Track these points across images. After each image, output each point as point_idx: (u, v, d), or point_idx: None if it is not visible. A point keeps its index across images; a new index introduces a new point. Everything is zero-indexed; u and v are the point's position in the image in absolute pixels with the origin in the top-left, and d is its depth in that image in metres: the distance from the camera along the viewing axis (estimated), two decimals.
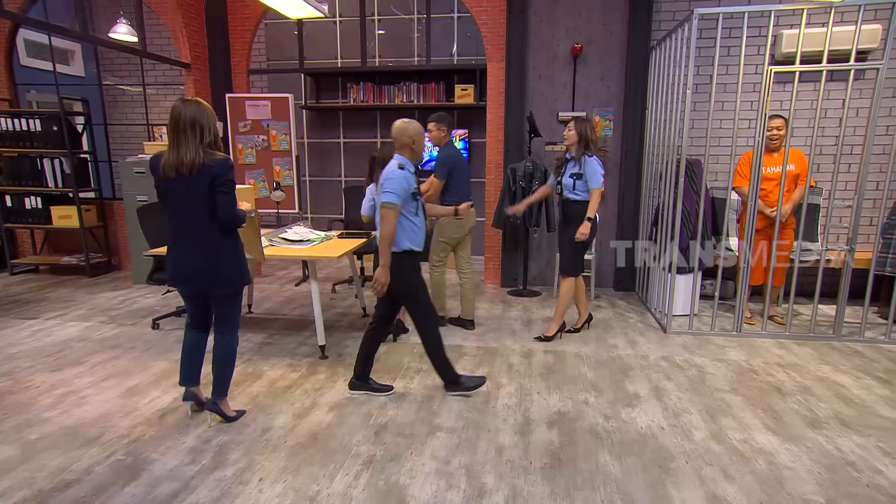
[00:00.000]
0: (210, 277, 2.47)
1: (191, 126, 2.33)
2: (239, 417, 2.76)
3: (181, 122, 2.33)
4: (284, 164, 5.65)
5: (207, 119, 2.37)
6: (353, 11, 6.36)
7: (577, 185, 3.63)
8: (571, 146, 3.65)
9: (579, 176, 3.62)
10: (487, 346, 3.79)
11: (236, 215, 2.41)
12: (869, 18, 4.65)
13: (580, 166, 3.60)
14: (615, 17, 4.94)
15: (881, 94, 3.59)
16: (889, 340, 3.86)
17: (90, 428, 2.64)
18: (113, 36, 5.92)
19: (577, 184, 3.63)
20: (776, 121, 3.89)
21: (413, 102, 6.35)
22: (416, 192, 2.80)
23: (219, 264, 2.46)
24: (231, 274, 2.50)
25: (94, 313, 4.51)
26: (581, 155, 3.60)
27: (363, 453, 2.44)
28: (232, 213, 2.38)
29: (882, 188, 3.86)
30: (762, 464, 2.37)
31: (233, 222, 2.41)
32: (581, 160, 3.60)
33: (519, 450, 2.47)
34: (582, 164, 3.59)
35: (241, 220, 2.46)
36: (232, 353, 2.66)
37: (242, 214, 2.47)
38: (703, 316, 4.40)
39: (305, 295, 5.13)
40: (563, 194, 3.73)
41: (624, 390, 3.10)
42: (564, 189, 3.71)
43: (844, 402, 2.97)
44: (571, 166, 3.66)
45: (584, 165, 3.58)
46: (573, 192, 3.67)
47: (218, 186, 2.34)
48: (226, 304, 2.59)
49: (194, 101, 2.38)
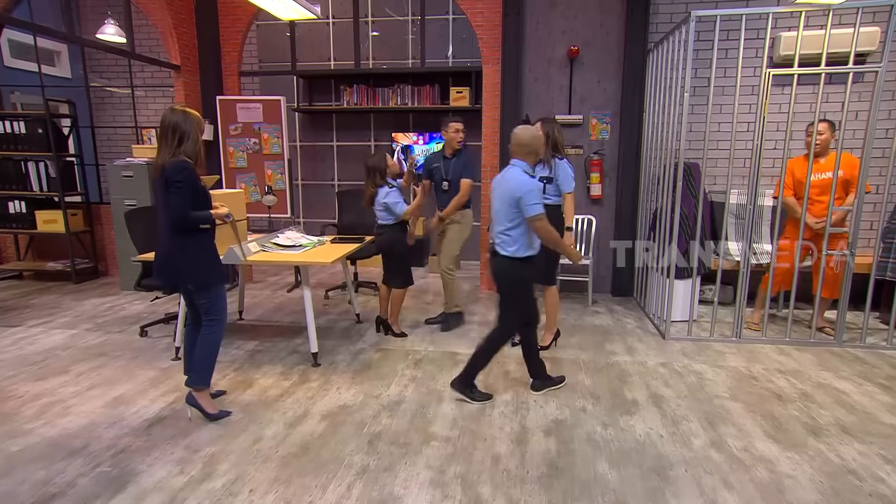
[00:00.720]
0: (171, 272, 2.65)
1: (171, 132, 2.51)
2: (220, 417, 2.77)
3: (164, 127, 2.53)
4: (276, 167, 5.58)
5: (189, 127, 2.53)
6: (347, 13, 6.31)
7: (548, 189, 3.46)
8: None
9: (549, 180, 3.46)
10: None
11: (185, 215, 2.50)
12: (867, 21, 4.64)
13: (550, 170, 3.46)
14: (612, 20, 4.91)
15: (880, 96, 3.57)
16: (890, 346, 3.83)
17: (75, 439, 2.57)
18: (100, 37, 5.84)
19: (548, 188, 3.46)
20: (821, 125, 3.75)
21: (407, 105, 6.30)
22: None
23: (178, 260, 2.61)
24: (192, 269, 2.63)
25: (80, 320, 4.42)
26: (550, 158, 3.46)
27: (356, 463, 2.38)
28: (179, 212, 2.49)
29: (882, 192, 3.83)
30: (763, 472, 2.33)
31: (182, 221, 2.52)
32: (551, 163, 3.46)
33: (515, 459, 2.43)
34: (553, 167, 3.46)
35: (194, 220, 2.55)
36: (211, 343, 2.74)
37: (204, 216, 2.58)
38: (702, 322, 4.36)
39: (297, 301, 5.05)
40: None
41: (622, 397, 3.05)
42: None
43: (846, 408, 2.93)
44: (540, 169, 3.44)
45: (556, 169, 3.44)
46: (543, 196, 3.51)
47: (170, 187, 2.48)
48: (200, 298, 2.70)
49: (181, 110, 2.55)
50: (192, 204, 2.53)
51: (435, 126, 6.53)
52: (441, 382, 3.23)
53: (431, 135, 6.43)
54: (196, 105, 5.52)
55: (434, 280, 5.94)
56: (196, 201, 2.56)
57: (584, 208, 5.23)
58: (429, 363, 3.54)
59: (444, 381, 3.26)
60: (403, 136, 6.49)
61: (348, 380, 3.27)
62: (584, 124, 5.11)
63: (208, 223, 2.62)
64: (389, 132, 6.57)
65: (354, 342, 3.93)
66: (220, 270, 2.75)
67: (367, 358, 3.63)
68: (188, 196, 2.50)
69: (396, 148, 6.47)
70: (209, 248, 2.69)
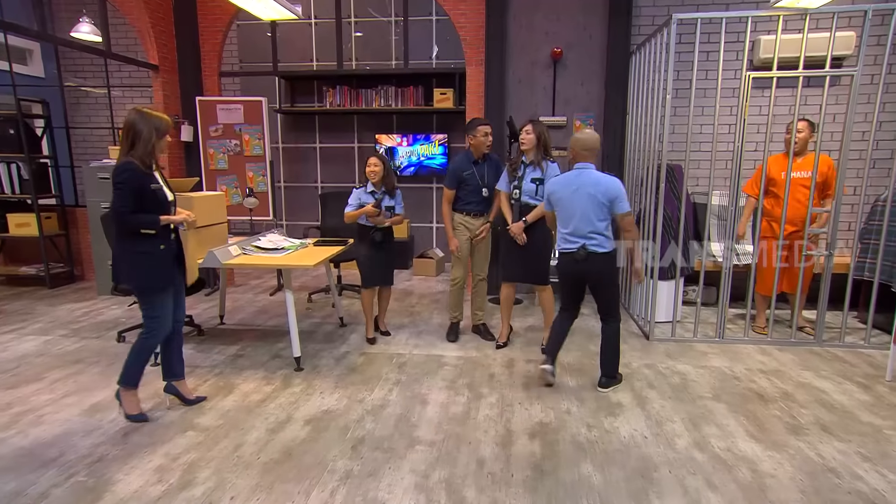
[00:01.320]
0: (115, 272, 2.80)
1: (126, 133, 2.54)
2: (137, 420, 2.74)
3: (123, 128, 2.57)
4: (258, 169, 5.51)
5: (143, 127, 2.53)
6: (329, 13, 6.27)
7: (539, 191, 3.52)
8: (529, 150, 3.53)
9: (541, 181, 3.50)
10: (468, 356, 3.71)
11: (122, 217, 2.51)
12: (843, 26, 4.74)
13: (541, 171, 3.52)
14: (594, 22, 4.93)
15: (856, 100, 3.64)
16: (868, 345, 3.89)
17: (48, 448, 2.50)
18: (75, 35, 5.71)
19: (540, 189, 3.51)
20: (800, 123, 3.81)
21: (391, 106, 6.27)
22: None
23: (119, 261, 2.71)
24: (129, 272, 2.65)
25: (55, 326, 4.31)
26: (541, 159, 3.52)
27: (340, 469, 2.35)
28: (116, 213, 2.51)
29: (859, 193, 3.90)
30: (745, 472, 2.35)
31: (119, 223, 2.54)
32: (542, 165, 3.52)
33: (500, 462, 2.41)
34: (544, 169, 3.51)
35: (135, 223, 2.55)
36: (139, 350, 2.72)
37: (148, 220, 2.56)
38: (685, 322, 4.39)
39: (280, 305, 4.99)
40: (523, 200, 3.57)
41: (606, 399, 3.05)
42: (524, 194, 3.56)
43: (825, 407, 2.97)
44: (532, 171, 3.53)
45: (547, 170, 3.50)
46: (535, 198, 3.54)
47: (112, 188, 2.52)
48: (140, 302, 2.71)
49: (138, 110, 2.55)
50: (135, 206, 2.52)
51: (418, 127, 6.52)
52: (426, 386, 3.21)
53: (415, 136, 6.40)
54: (175, 106, 5.43)
55: (419, 282, 5.91)
56: (141, 204, 2.54)
57: None
58: (413, 367, 3.51)
59: (428, 384, 3.23)
60: (387, 137, 6.46)
61: (332, 384, 3.23)
62: (567, 126, 5.13)
63: (152, 228, 2.59)
64: (373, 134, 6.53)
65: (338, 346, 3.89)
66: (160, 278, 2.69)
67: (351, 362, 3.59)
68: (128, 198, 2.50)
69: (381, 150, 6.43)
70: (150, 253, 2.63)
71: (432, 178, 6.61)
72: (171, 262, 2.72)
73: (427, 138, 6.39)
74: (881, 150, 4.85)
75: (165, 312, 2.73)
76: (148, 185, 2.56)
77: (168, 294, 2.74)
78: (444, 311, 4.76)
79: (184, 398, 2.94)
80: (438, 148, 6.34)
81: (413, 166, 6.47)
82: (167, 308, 2.74)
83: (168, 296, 2.74)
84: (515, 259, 3.68)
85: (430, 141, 6.38)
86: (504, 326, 3.91)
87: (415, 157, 6.45)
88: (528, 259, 3.64)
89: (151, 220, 2.57)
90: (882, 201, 4.09)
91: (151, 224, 2.57)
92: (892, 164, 3.83)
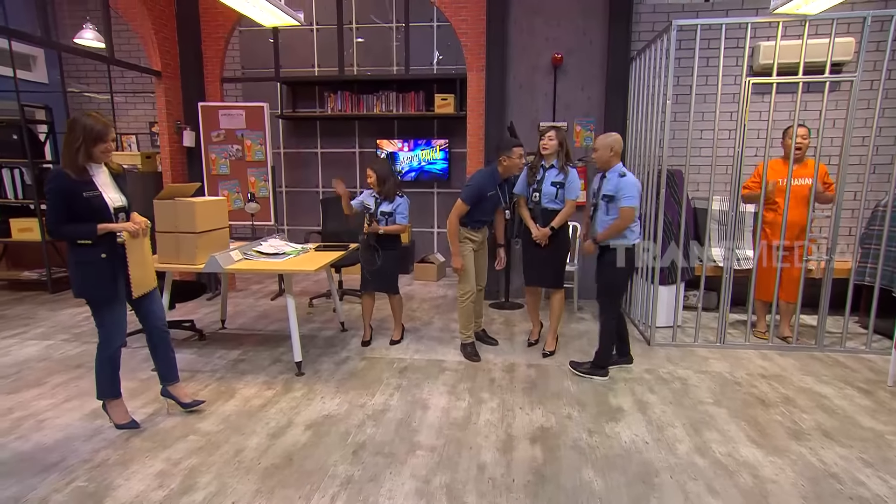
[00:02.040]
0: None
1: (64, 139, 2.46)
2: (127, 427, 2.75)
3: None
4: (259, 174, 5.53)
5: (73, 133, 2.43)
6: (331, 19, 6.30)
7: (559, 195, 3.58)
8: (551, 156, 3.58)
9: (562, 185, 3.57)
10: (469, 361, 3.71)
11: (52, 227, 2.45)
12: (842, 31, 4.75)
13: (564, 176, 3.57)
14: (594, 27, 4.96)
15: (856, 105, 3.65)
16: (869, 350, 3.89)
17: (49, 453, 2.50)
18: (79, 41, 5.75)
19: (560, 193, 3.58)
20: (801, 130, 3.80)
21: (392, 112, 6.30)
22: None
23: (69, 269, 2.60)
24: (72, 281, 2.59)
25: (56, 331, 4.32)
26: (564, 164, 3.58)
27: (340, 474, 2.35)
28: (46, 222, 2.48)
29: (860, 198, 3.90)
30: (746, 477, 2.34)
31: (50, 233, 2.48)
32: (565, 170, 3.57)
33: (501, 467, 2.41)
34: (567, 173, 3.57)
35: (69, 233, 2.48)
36: (101, 361, 2.69)
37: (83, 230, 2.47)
38: (686, 327, 4.39)
39: (281, 309, 4.99)
40: (542, 203, 3.61)
41: (607, 404, 3.05)
42: (544, 198, 3.60)
43: (827, 412, 2.96)
44: (554, 174, 3.59)
45: (569, 175, 3.56)
46: (554, 202, 3.60)
47: None
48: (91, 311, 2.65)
49: (74, 115, 2.50)
50: (68, 216, 2.44)
51: (419, 132, 6.54)
52: (426, 391, 3.21)
53: (417, 141, 6.43)
54: (177, 112, 5.46)
55: (420, 287, 5.92)
56: (74, 213, 2.45)
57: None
58: (414, 371, 3.51)
59: (429, 389, 3.24)
60: (388, 142, 6.49)
61: (332, 389, 3.23)
62: (568, 131, 5.14)
63: (88, 238, 2.49)
64: (374, 139, 6.56)
65: (339, 351, 3.89)
66: (101, 287, 2.58)
67: (352, 367, 3.59)
68: (58, 207, 2.43)
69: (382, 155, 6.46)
70: (89, 262, 2.53)
71: (433, 183, 6.62)
72: (114, 272, 2.59)
73: (428, 143, 6.41)
74: (881, 156, 4.85)
75: (114, 322, 2.64)
76: (80, 192, 2.43)
77: (116, 304, 2.63)
78: (444, 316, 4.76)
79: (179, 402, 2.92)
80: (439, 153, 6.36)
81: (414, 171, 6.49)
82: (116, 318, 2.65)
83: (116, 306, 2.64)
84: (535, 263, 3.76)
85: (431, 146, 6.40)
86: (535, 326, 4.10)
87: (416, 163, 6.47)
88: (548, 263, 3.71)
89: (87, 229, 2.46)
90: (882, 206, 4.09)
91: (87, 234, 2.47)
92: (892, 170, 3.83)
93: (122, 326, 2.69)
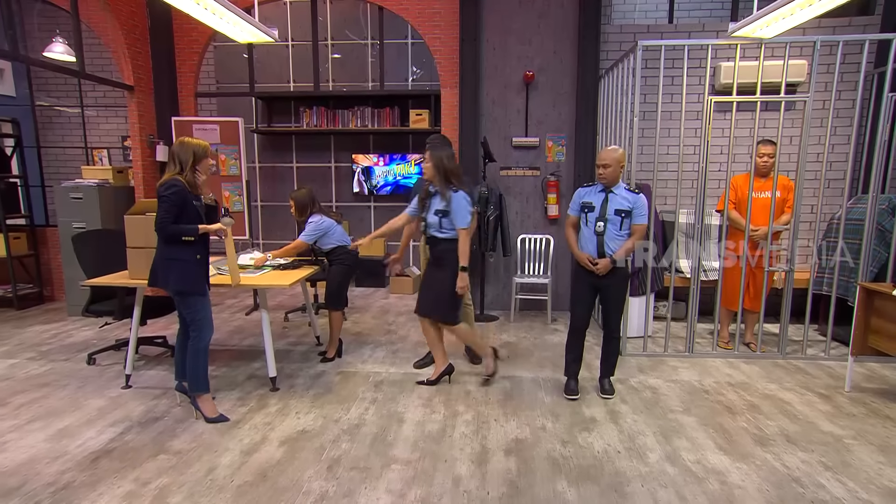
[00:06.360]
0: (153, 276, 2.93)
1: (171, 159, 2.88)
2: (217, 421, 2.96)
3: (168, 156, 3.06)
4: (234, 189, 5.49)
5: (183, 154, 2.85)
6: (306, 36, 6.33)
7: (444, 223, 3.27)
8: (432, 179, 3.28)
9: (445, 213, 3.24)
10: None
11: (160, 225, 2.78)
12: (795, 54, 4.98)
13: (446, 202, 3.24)
14: (565, 47, 5.10)
15: (810, 123, 3.83)
16: (828, 357, 4.04)
17: (10, 477, 2.43)
18: (48, 55, 5.66)
19: (444, 221, 3.26)
20: (767, 147, 3.93)
21: (367, 127, 6.34)
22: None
23: (158, 267, 2.90)
24: (166, 276, 2.86)
25: (22, 349, 4.20)
26: (445, 189, 3.23)
27: (315, 490, 2.34)
28: (157, 220, 2.79)
29: (816, 211, 4.08)
30: (714, 484, 2.41)
31: (157, 230, 2.81)
32: (446, 195, 3.23)
33: (476, 479, 2.43)
34: (448, 199, 3.23)
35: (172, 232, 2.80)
36: (195, 352, 2.94)
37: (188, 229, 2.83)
38: (656, 337, 4.49)
39: (256, 324, 4.95)
40: (429, 232, 3.35)
41: (581, 414, 3.10)
42: (429, 227, 3.34)
43: (789, 418, 3.06)
44: (437, 202, 3.27)
45: (451, 202, 3.22)
46: (440, 231, 3.30)
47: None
48: (179, 306, 2.93)
49: (179, 141, 2.91)
50: (176, 218, 2.80)
51: (394, 147, 6.59)
52: (402, 404, 3.22)
53: (392, 156, 6.47)
54: (150, 126, 5.41)
55: (396, 300, 5.92)
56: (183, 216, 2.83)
57: (542, 228, 5.35)
58: (389, 385, 3.51)
59: (404, 402, 3.24)
60: (364, 157, 6.52)
61: (307, 404, 3.21)
62: (540, 146, 5.26)
63: (192, 235, 2.85)
64: (349, 153, 6.58)
65: (314, 365, 3.87)
66: (199, 283, 2.92)
67: (328, 381, 3.58)
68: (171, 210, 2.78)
69: (357, 169, 6.49)
70: (188, 260, 2.88)
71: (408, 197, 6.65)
72: (205, 271, 2.97)
73: (403, 158, 6.46)
74: (834, 171, 5.09)
75: (207, 313, 2.96)
76: (191, 201, 2.84)
77: (207, 298, 2.98)
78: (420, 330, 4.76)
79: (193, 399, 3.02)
80: (415, 168, 6.41)
81: (390, 185, 6.53)
82: (208, 309, 2.97)
83: (206, 299, 2.98)
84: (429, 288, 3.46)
85: (406, 161, 6.46)
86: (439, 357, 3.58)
87: (391, 177, 6.51)
88: (432, 290, 3.42)
89: (192, 229, 2.84)
90: (836, 219, 4.28)
91: (192, 232, 2.84)
92: (844, 185, 4.02)
93: (212, 319, 3.01)
